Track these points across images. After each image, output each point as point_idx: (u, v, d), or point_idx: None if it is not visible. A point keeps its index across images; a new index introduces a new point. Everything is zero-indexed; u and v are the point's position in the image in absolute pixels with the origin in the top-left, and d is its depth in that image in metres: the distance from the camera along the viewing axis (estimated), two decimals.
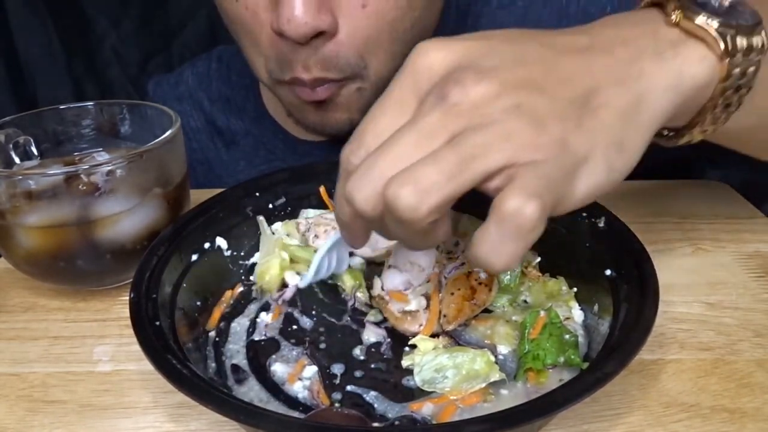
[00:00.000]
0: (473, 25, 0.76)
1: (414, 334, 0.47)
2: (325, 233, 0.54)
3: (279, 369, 0.46)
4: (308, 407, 0.43)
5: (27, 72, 1.37)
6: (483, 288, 0.48)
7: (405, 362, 0.45)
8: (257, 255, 0.56)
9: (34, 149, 0.59)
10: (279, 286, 0.54)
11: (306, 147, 0.82)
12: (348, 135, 0.78)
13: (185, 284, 0.49)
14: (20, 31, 1.34)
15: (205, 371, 0.45)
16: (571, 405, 0.34)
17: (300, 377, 0.45)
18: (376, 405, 0.42)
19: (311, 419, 0.40)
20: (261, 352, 0.48)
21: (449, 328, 0.47)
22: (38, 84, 1.38)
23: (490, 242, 0.30)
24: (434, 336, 0.47)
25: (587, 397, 0.34)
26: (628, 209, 0.50)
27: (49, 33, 1.34)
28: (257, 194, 0.57)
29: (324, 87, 0.64)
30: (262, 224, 0.56)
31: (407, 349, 0.47)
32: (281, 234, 0.56)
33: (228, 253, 0.54)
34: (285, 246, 0.54)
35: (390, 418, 0.41)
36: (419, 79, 0.33)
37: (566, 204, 0.33)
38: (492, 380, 0.42)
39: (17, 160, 0.58)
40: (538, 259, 0.52)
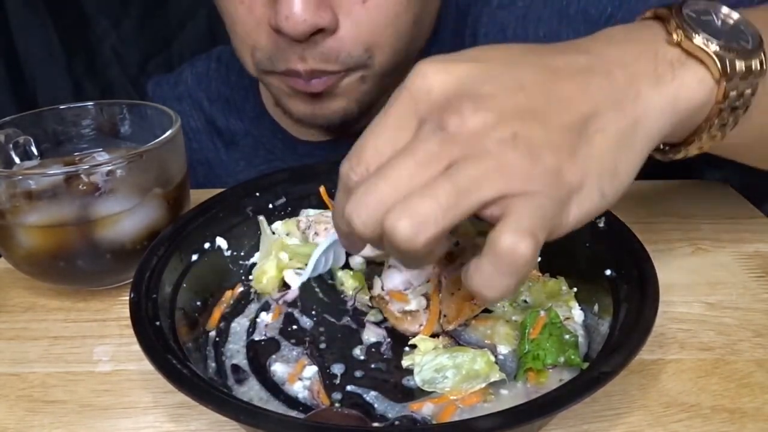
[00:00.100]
0: (473, 25, 0.76)
1: (414, 334, 0.47)
2: (326, 231, 0.54)
3: (279, 369, 0.46)
4: (308, 407, 0.43)
5: (27, 72, 1.37)
6: None
7: (405, 362, 0.45)
8: (257, 255, 0.56)
9: (34, 149, 0.59)
10: (278, 288, 0.53)
11: (306, 147, 0.82)
12: (339, 127, 0.78)
13: (185, 284, 0.49)
14: (20, 31, 1.34)
15: (205, 371, 0.45)
16: (571, 405, 0.34)
17: (300, 377, 0.45)
18: (376, 405, 0.42)
19: (311, 419, 0.40)
20: (261, 352, 0.48)
21: (449, 328, 0.47)
22: (38, 84, 1.38)
23: (485, 276, 0.32)
24: (434, 336, 0.47)
25: (587, 398, 0.34)
26: (628, 209, 0.50)
27: (49, 33, 1.34)
28: (257, 194, 0.57)
29: (320, 80, 0.63)
30: (263, 224, 0.56)
31: (407, 349, 0.46)
32: (281, 233, 0.56)
33: (228, 253, 0.54)
34: (284, 246, 0.54)
35: (390, 418, 0.41)
36: (418, 101, 0.34)
37: (558, 232, 0.33)
38: (492, 380, 0.42)
39: (17, 160, 0.58)
40: (538, 259, 0.52)
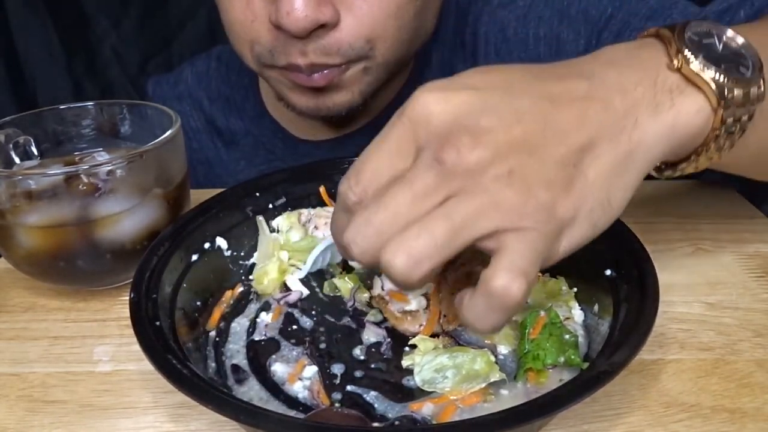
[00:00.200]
0: (474, 24, 0.76)
1: (414, 334, 0.47)
2: (325, 225, 0.54)
3: (279, 369, 0.46)
4: (308, 407, 0.42)
5: (27, 72, 1.37)
6: None
7: (405, 362, 0.45)
8: (256, 255, 0.56)
9: (34, 149, 0.59)
10: (279, 289, 0.53)
11: (306, 147, 0.82)
12: (343, 119, 0.78)
13: (185, 284, 0.49)
14: (20, 31, 1.34)
15: (205, 371, 0.45)
16: (571, 405, 0.34)
17: (300, 377, 0.45)
18: (376, 405, 0.42)
19: (311, 419, 0.40)
20: (261, 352, 0.48)
21: (449, 328, 0.47)
22: (38, 84, 1.38)
23: (478, 311, 0.33)
24: (434, 336, 0.47)
25: (587, 398, 0.34)
26: (628, 209, 0.49)
27: (49, 33, 1.34)
28: (257, 194, 0.57)
29: (322, 74, 0.63)
30: (261, 224, 0.56)
31: (407, 349, 0.46)
32: (283, 227, 0.56)
33: (228, 253, 0.54)
34: (285, 244, 0.55)
35: (390, 418, 0.41)
36: (417, 129, 0.34)
37: (548, 263, 0.34)
38: (492, 380, 0.42)
39: (17, 160, 0.58)
40: None
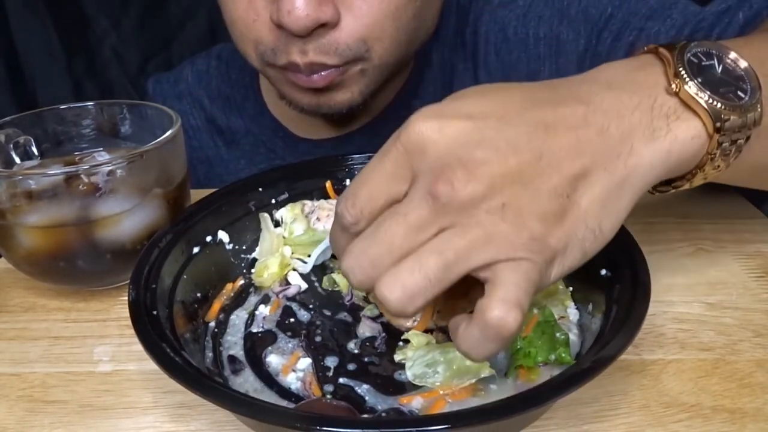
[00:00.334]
0: (474, 23, 0.76)
1: (408, 329, 0.47)
2: (327, 217, 0.55)
3: (274, 360, 0.46)
4: (300, 398, 0.43)
5: (27, 72, 1.37)
6: (477, 285, 0.48)
7: (397, 357, 0.45)
8: (258, 250, 0.56)
9: (34, 149, 0.59)
10: (279, 282, 0.54)
11: (306, 146, 0.82)
12: (344, 118, 0.78)
13: (186, 276, 0.49)
14: (20, 31, 1.34)
15: (202, 361, 0.45)
16: (551, 401, 0.35)
17: (294, 369, 0.45)
18: (367, 398, 0.43)
19: (300, 409, 0.41)
20: (258, 344, 0.48)
21: (443, 324, 0.47)
22: (38, 84, 1.38)
23: (473, 341, 0.34)
24: (428, 331, 0.47)
25: (570, 393, 0.34)
26: None
27: (49, 33, 1.34)
28: (260, 189, 0.57)
29: (320, 75, 0.63)
30: (266, 221, 0.56)
31: (401, 344, 0.47)
32: (287, 219, 0.56)
33: (230, 247, 0.55)
34: (287, 238, 0.55)
35: (379, 411, 0.42)
36: (412, 157, 0.35)
37: (539, 289, 0.35)
38: (482, 376, 0.42)
39: (17, 160, 0.58)
40: None
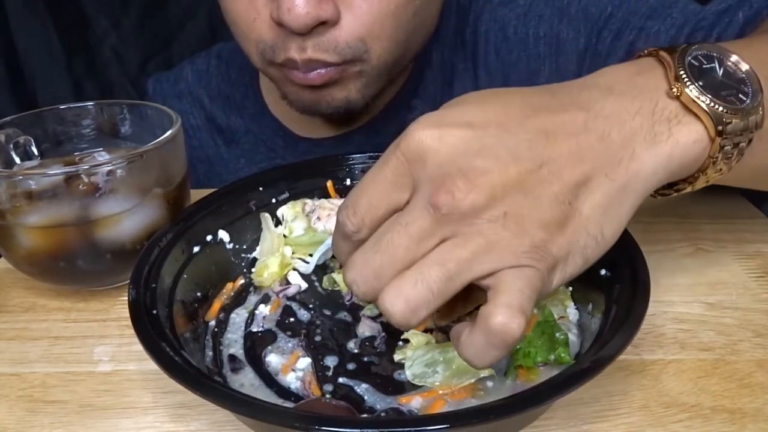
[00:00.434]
0: (474, 23, 0.76)
1: (408, 329, 0.47)
2: (328, 216, 0.55)
3: (273, 360, 0.46)
4: (300, 398, 0.43)
5: (27, 72, 1.37)
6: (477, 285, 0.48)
7: (397, 356, 0.45)
8: (259, 250, 0.56)
9: (34, 149, 0.59)
10: (279, 282, 0.54)
11: (307, 145, 0.82)
12: (343, 117, 0.78)
13: (186, 275, 0.49)
14: (20, 31, 1.34)
15: (202, 360, 0.45)
16: (549, 401, 0.35)
17: (293, 368, 0.45)
18: (366, 397, 0.43)
19: (299, 409, 0.41)
20: (258, 343, 0.48)
21: (442, 324, 0.47)
22: (38, 84, 1.38)
23: (477, 348, 0.34)
24: (428, 331, 0.47)
25: (568, 394, 0.34)
26: None
27: (49, 33, 1.34)
28: (260, 188, 0.57)
29: (318, 73, 0.63)
30: (267, 221, 0.56)
31: (400, 344, 0.47)
32: (288, 217, 0.56)
33: (230, 246, 0.55)
34: (288, 238, 0.55)
35: (378, 410, 0.42)
36: (412, 166, 0.35)
37: (541, 296, 0.34)
38: (482, 376, 0.42)
39: (17, 160, 0.58)
40: None
